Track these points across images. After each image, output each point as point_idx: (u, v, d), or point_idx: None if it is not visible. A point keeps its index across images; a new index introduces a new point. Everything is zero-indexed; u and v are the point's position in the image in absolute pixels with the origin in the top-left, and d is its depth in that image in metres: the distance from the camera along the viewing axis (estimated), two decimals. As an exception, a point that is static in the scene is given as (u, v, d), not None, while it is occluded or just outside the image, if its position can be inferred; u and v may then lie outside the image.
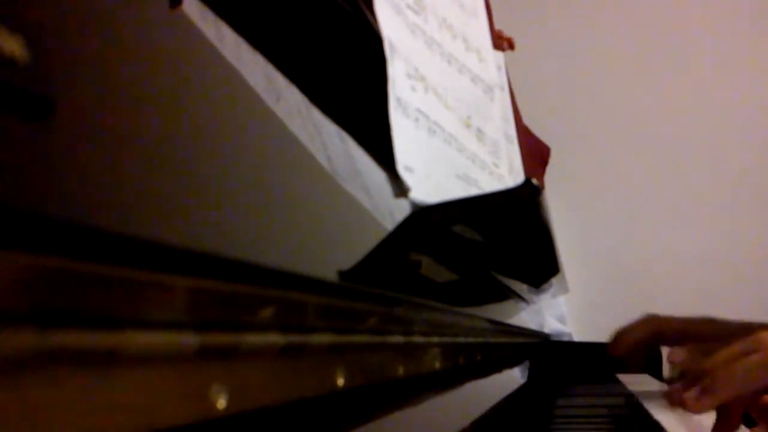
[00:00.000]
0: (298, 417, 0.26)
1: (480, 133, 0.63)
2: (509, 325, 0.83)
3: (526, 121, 1.05)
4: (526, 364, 1.07)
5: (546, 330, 1.28)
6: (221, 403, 0.20)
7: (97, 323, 0.15)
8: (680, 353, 0.63)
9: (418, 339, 0.44)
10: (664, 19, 1.76)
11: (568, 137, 1.70)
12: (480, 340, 0.67)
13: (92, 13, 0.18)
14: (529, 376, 1.07)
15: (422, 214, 0.44)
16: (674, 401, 0.55)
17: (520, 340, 0.99)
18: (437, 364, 0.48)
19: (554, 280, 0.81)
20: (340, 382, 0.29)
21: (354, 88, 0.46)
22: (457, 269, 0.48)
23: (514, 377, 0.95)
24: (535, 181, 0.41)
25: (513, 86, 0.84)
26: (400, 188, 0.45)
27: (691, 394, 0.54)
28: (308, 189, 0.30)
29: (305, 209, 0.29)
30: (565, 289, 1.06)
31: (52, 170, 0.14)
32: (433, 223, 0.41)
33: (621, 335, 0.83)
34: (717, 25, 1.74)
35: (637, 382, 1.03)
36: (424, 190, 0.47)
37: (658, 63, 1.75)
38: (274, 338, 0.23)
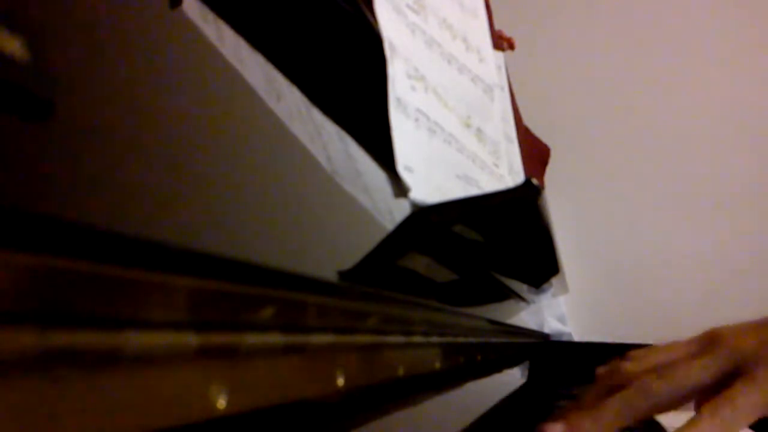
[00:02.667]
0: (298, 417, 0.26)
1: (480, 133, 0.63)
2: (509, 325, 0.83)
3: (526, 121, 1.05)
4: (526, 364, 1.07)
5: (546, 330, 1.28)
6: (221, 403, 0.20)
7: (97, 323, 0.15)
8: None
9: (418, 339, 0.44)
10: (664, 19, 1.76)
11: (568, 137, 1.70)
12: (480, 340, 0.67)
13: (92, 13, 0.18)
14: (529, 376, 1.07)
15: (422, 214, 0.44)
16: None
17: (520, 340, 0.99)
18: (437, 364, 0.48)
19: (554, 280, 0.81)
20: (340, 382, 0.29)
21: (354, 88, 0.46)
22: (457, 269, 0.48)
23: (514, 377, 0.95)
24: (535, 181, 0.41)
25: (513, 86, 0.84)
26: (400, 188, 0.45)
27: (555, 428, 0.49)
28: (308, 189, 0.30)
29: (305, 209, 0.29)
30: (565, 289, 1.06)
31: (52, 170, 0.14)
32: (433, 223, 0.40)
33: None
34: (717, 24, 1.75)
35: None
36: (424, 190, 0.47)
37: (658, 63, 1.75)
38: (274, 338, 0.23)
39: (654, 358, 0.50)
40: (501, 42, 0.93)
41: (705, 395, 0.47)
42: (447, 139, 0.55)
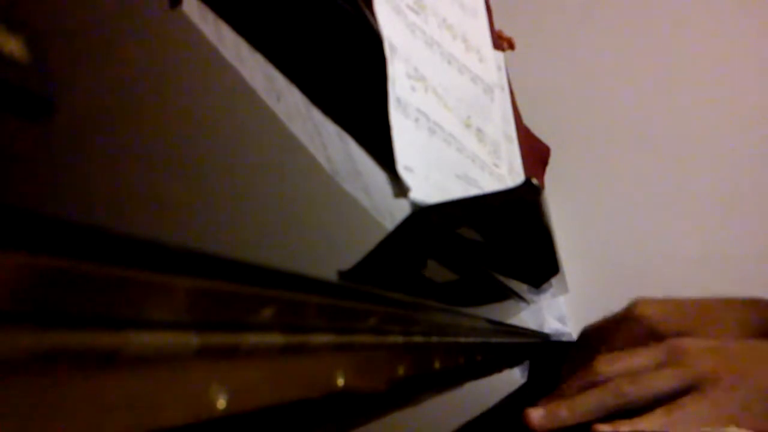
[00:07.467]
0: (298, 417, 0.26)
1: (480, 133, 0.63)
2: (509, 325, 0.83)
3: (526, 121, 1.05)
4: (526, 364, 1.07)
5: (546, 330, 1.28)
6: (221, 403, 0.20)
7: (97, 323, 0.15)
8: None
9: (418, 339, 0.44)
10: (664, 20, 1.76)
11: (568, 137, 1.70)
12: (480, 340, 0.67)
13: (92, 13, 0.18)
14: (529, 376, 1.07)
15: (422, 214, 0.43)
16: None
17: (520, 340, 0.99)
18: (437, 364, 0.48)
19: (554, 280, 0.81)
20: (340, 382, 0.29)
21: (354, 88, 0.46)
22: (457, 269, 0.48)
23: (514, 377, 0.95)
24: (535, 181, 0.41)
25: (513, 86, 0.84)
26: (400, 188, 0.45)
27: (536, 413, 0.58)
28: (308, 189, 0.30)
29: (305, 209, 0.29)
30: (565, 289, 1.06)
31: (52, 170, 0.14)
32: (433, 223, 0.40)
33: None
34: (717, 24, 1.74)
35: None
36: (424, 190, 0.47)
37: (657, 63, 1.75)
38: (274, 338, 0.23)
39: (624, 364, 0.60)
40: (501, 42, 0.93)
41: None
42: (447, 139, 0.55)
